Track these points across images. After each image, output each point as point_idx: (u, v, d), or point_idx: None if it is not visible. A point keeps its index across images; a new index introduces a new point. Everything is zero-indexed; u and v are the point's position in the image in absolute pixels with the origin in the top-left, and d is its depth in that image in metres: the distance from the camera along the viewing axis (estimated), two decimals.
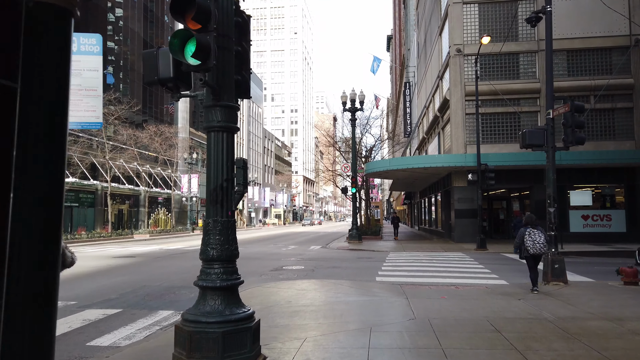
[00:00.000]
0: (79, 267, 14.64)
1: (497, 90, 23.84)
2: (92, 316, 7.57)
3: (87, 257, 18.30)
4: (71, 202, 37.67)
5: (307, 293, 9.04)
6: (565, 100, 10.28)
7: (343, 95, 27.70)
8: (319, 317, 6.96)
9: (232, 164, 4.73)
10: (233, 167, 4.73)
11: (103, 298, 9.22)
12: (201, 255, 4.66)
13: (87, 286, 10.74)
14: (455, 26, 25.27)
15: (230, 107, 4.74)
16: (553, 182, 9.79)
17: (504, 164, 22.66)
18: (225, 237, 4.62)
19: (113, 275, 12.59)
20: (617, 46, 24.18)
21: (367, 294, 8.88)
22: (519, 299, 7.93)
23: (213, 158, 4.68)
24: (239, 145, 74.03)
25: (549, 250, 9.23)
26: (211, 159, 4.69)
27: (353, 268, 14.04)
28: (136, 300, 9.03)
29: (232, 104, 4.75)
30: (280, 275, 12.47)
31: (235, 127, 4.78)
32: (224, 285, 4.51)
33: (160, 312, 7.91)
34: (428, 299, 8.06)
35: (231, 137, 4.76)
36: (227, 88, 4.74)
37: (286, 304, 8.11)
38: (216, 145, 4.67)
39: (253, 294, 9.16)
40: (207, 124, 4.72)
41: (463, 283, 10.73)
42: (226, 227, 4.63)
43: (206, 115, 4.75)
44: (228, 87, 4.75)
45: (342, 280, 10.96)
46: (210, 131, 4.71)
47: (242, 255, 18.90)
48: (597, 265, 14.72)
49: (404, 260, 16.36)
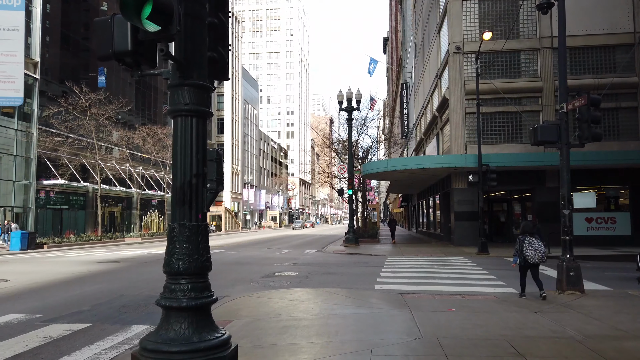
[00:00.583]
0: (57, 273, 13.74)
1: (497, 89, 23.10)
2: (56, 332, 6.70)
3: (68, 263, 17.36)
4: (61, 205, 36.68)
5: (299, 304, 8.19)
6: (569, 98, 9.48)
7: (339, 94, 26.91)
8: (311, 334, 6.11)
9: (204, 156, 3.89)
10: (204, 159, 3.90)
11: (73, 310, 8.34)
12: (165, 268, 3.81)
13: (60, 296, 9.84)
14: (454, 23, 24.53)
15: (201, 87, 3.89)
16: (567, 182, 8.99)
17: (505, 165, 21.89)
18: (194, 245, 3.77)
19: (91, 283, 11.69)
20: (620, 44, 23.49)
21: (366, 305, 8.04)
22: (536, 312, 7.10)
23: (180, 149, 3.83)
24: (234, 147, 73.12)
25: (544, 257, 8.55)
26: (178, 150, 3.85)
27: (350, 274, 13.19)
28: (110, 312, 8.15)
29: (203, 83, 3.91)
30: (272, 282, 11.60)
31: (207, 111, 3.93)
32: (191, 305, 3.66)
33: (133, 327, 7.04)
34: (433, 312, 7.22)
35: (202, 124, 3.91)
36: (197, 64, 3.90)
37: (275, 317, 7.26)
38: (184, 133, 3.82)
39: (239, 305, 8.31)
40: (173, 107, 3.87)
41: (469, 292, 9.91)
42: (195, 233, 3.78)
43: (172, 96, 3.91)
44: (198, 63, 3.91)
45: (338, 289, 10.12)
46: (177, 116, 3.86)
47: (233, 260, 18.02)
48: (607, 270, 13.95)
49: (403, 265, 15.53)
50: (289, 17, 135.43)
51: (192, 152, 3.81)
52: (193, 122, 3.83)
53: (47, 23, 34.37)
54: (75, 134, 33.26)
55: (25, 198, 32.26)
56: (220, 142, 69.70)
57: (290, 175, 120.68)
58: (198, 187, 3.82)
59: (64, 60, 37.00)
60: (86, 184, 37.03)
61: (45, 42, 33.70)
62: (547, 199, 23.66)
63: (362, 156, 37.69)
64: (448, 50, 24.84)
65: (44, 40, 33.34)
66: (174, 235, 3.76)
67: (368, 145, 40.31)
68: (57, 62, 36.31)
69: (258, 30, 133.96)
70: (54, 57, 35.67)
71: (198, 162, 3.82)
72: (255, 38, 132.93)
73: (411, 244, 26.80)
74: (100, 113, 32.65)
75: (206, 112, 3.91)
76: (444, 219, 28.36)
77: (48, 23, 34.57)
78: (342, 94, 26.86)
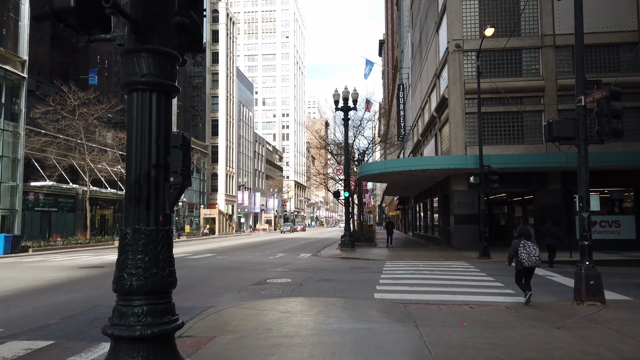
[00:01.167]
0: (33, 280, 12.82)
1: (498, 88, 22.40)
2: (10, 352, 5.83)
3: (49, 268, 16.43)
4: (49, 207, 35.62)
5: (292, 317, 7.35)
6: (571, 99, 8.72)
7: (335, 93, 26.12)
8: (304, 356, 5.27)
9: (166, 142, 3.06)
10: (167, 146, 3.07)
11: (39, 323, 7.46)
12: (114, 285, 2.98)
13: (29, 306, 8.95)
14: (454, 20, 23.82)
15: (164, 55, 3.07)
16: (586, 182, 8.21)
17: (506, 166, 21.16)
18: (153, 255, 2.94)
19: (67, 291, 10.80)
20: (624, 42, 22.88)
21: (366, 318, 7.21)
22: (559, 328, 6.30)
23: (136, 133, 3.01)
24: (229, 149, 72.16)
25: (539, 261, 8.21)
26: (133, 135, 3.02)
27: (347, 281, 12.36)
28: (79, 326, 7.28)
29: (166, 49, 3.09)
30: (263, 291, 10.75)
31: (171, 85, 3.11)
32: (147, 335, 2.83)
33: (102, 344, 6.19)
34: (443, 327, 6.40)
35: (165, 101, 3.09)
36: (159, 27, 3.08)
37: (265, 332, 6.42)
38: (140, 113, 3.00)
39: (225, 318, 7.46)
40: (127, 78, 3.06)
41: (477, 301, 9.10)
42: (154, 241, 2.95)
43: (125, 66, 3.09)
44: (161, 26, 3.10)
45: (334, 299, 9.28)
46: (132, 90, 3.04)
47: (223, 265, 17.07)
48: (617, 276, 13.23)
49: (403, 271, 14.71)
50: (284, 19, 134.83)
51: (152, 137, 2.98)
52: (153, 99, 3.01)
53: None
54: (64, 134, 32.29)
55: (12, 200, 31.21)
56: (215, 144, 68.76)
57: (285, 177, 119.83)
58: (158, 181, 2.99)
59: (53, 59, 36.05)
60: (75, 186, 36.01)
61: (33, 40, 32.73)
62: (549, 202, 22.95)
63: (358, 158, 36.91)
64: (447, 48, 24.13)
65: (32, 38, 32.38)
66: (127, 243, 2.93)
67: (364, 147, 39.55)
68: (46, 61, 35.35)
69: (253, 32, 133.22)
70: (42, 55, 34.72)
71: (159, 149, 3.00)
72: (251, 40, 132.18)
73: (409, 248, 25.99)
74: (89, 113, 31.71)
75: (170, 87, 3.09)
76: (443, 222, 27.59)
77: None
78: (338, 93, 26.09)
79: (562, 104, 22.84)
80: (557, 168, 22.13)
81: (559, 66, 23.22)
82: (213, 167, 68.44)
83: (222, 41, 70.04)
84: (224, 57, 69.96)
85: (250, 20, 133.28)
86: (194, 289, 11.13)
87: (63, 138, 32.40)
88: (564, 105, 22.72)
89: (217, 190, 68.84)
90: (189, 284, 11.81)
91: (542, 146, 22.83)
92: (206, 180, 66.63)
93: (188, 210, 58.49)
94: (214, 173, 68.84)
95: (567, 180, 22.80)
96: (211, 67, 68.84)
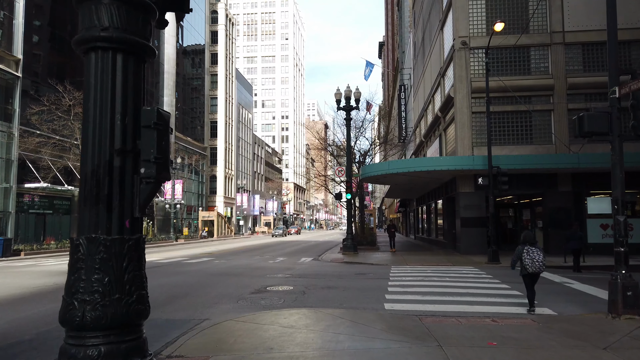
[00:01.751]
0: (17, 287, 11.98)
1: (506, 86, 21.64)
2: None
3: (38, 273, 15.59)
4: (44, 209, 34.79)
5: (296, 333, 6.54)
6: (581, 98, 7.96)
7: (337, 92, 25.34)
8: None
9: (135, 120, 2.25)
10: (137, 126, 2.25)
11: (11, 340, 6.65)
12: (61, 316, 2.18)
13: (4, 318, 8.12)
14: (460, 17, 23.08)
15: (135, 4, 2.27)
16: (621, 182, 7.43)
17: (515, 167, 20.39)
18: (115, 275, 2.16)
19: (50, 300, 9.96)
20: (636, 39, 22.12)
21: (380, 335, 6.40)
22: (604, 348, 5.50)
23: (93, 108, 2.22)
24: (228, 151, 71.36)
25: (543, 267, 8.15)
26: (90, 110, 2.23)
27: (353, 289, 11.54)
28: (55, 342, 6.37)
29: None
30: (263, 300, 9.93)
31: (143, 43, 2.30)
32: None
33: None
34: (471, 347, 5.59)
35: (134, 65, 2.29)
36: None
37: (265, 352, 5.62)
38: (100, 81, 2.21)
39: (221, 333, 6.65)
40: (84, 33, 2.25)
41: (499, 313, 8.31)
42: (118, 255, 2.16)
43: (82, 18, 2.28)
44: None
45: (342, 310, 8.47)
46: (89, 49, 2.24)
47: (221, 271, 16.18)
48: None
49: (411, 277, 13.91)
50: (284, 21, 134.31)
51: (115, 114, 2.19)
52: (117, 62, 2.23)
53: (33, 19, 32.66)
54: (59, 135, 31.50)
55: (5, 202, 30.36)
56: (214, 146, 67.98)
57: (284, 180, 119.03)
58: (124, 173, 2.19)
59: (47, 58, 35.28)
60: (71, 188, 35.18)
61: (28, 39, 31.96)
62: (559, 205, 22.17)
63: (360, 160, 36.13)
64: (453, 46, 23.38)
65: (27, 37, 31.61)
66: (79, 258, 2.15)
67: (365, 148, 38.78)
68: (41, 60, 34.59)
69: (253, 34, 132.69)
70: (37, 54, 33.95)
71: (125, 130, 2.21)
72: (250, 42, 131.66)
73: (413, 252, 25.17)
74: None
75: (141, 46, 2.29)
76: (448, 225, 26.80)
77: (34, 20, 32.88)
78: (340, 92, 25.31)
79: (572, 103, 22.09)
80: (568, 169, 21.36)
81: (569, 64, 22.46)
82: (212, 169, 67.66)
83: (221, 42, 69.35)
84: (223, 58, 69.24)
85: (250, 21, 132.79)
86: (188, 297, 10.32)
87: (58, 139, 31.62)
88: (573, 104, 21.97)
89: (215, 192, 68.01)
90: (184, 292, 11.00)
91: (551, 147, 22.08)
92: (205, 182, 65.81)
93: (186, 212, 57.67)
94: (213, 175, 68.04)
95: (578, 182, 22.04)
96: (210, 69, 68.14)
